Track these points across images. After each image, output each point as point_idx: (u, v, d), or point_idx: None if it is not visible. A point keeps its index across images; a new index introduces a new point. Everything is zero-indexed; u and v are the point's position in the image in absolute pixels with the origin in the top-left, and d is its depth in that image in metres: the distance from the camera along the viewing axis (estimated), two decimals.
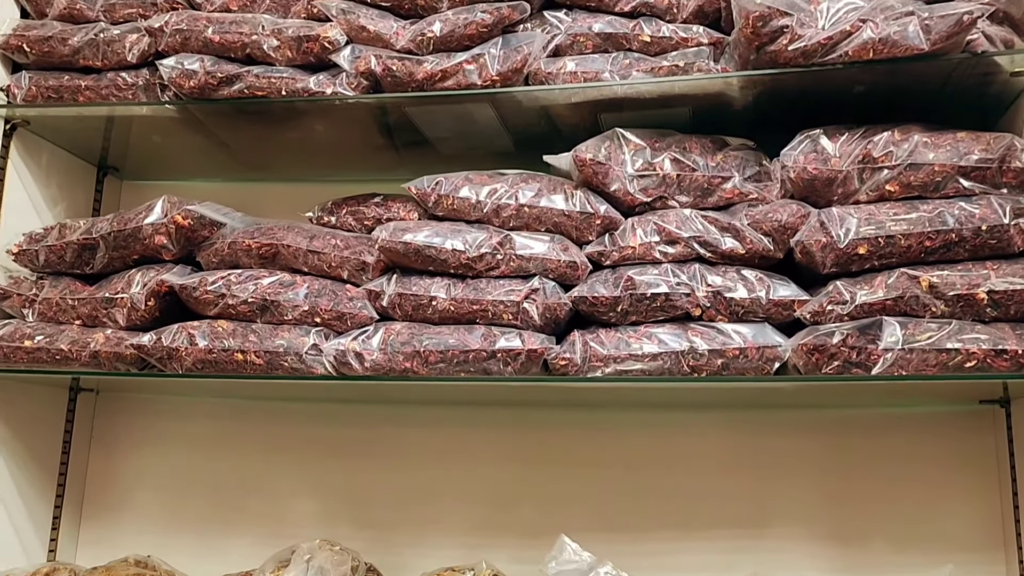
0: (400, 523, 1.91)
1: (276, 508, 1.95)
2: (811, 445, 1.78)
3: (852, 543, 1.72)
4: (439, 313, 1.59)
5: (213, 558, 1.81)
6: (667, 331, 1.52)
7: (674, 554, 1.79)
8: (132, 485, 2.01)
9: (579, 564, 1.62)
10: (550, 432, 1.91)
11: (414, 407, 1.97)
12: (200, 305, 1.66)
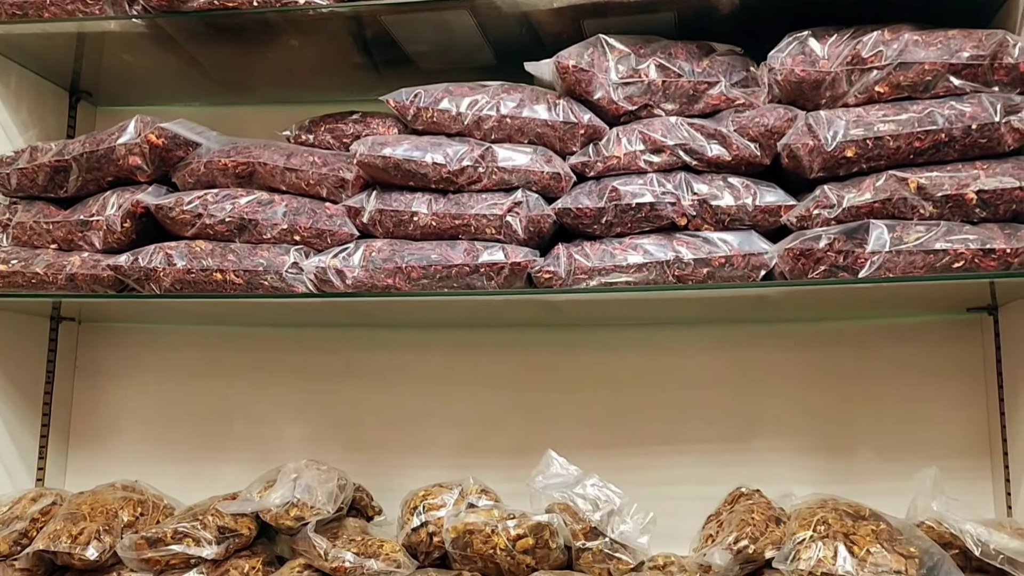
0: (388, 445, 1.91)
1: (263, 433, 1.95)
2: (797, 359, 1.78)
3: (838, 453, 1.73)
4: (421, 229, 1.56)
5: (202, 484, 1.81)
6: (652, 241, 1.50)
7: (661, 468, 1.79)
8: (118, 414, 2.00)
9: (566, 477, 1.62)
10: (536, 352, 1.90)
11: (400, 331, 1.95)
12: (177, 226, 1.63)
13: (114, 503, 1.64)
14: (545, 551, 1.53)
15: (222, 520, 1.59)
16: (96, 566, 1.55)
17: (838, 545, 1.36)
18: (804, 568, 1.35)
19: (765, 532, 1.46)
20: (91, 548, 1.52)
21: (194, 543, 1.56)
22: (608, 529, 1.55)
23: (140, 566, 1.56)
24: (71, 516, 1.58)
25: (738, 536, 1.45)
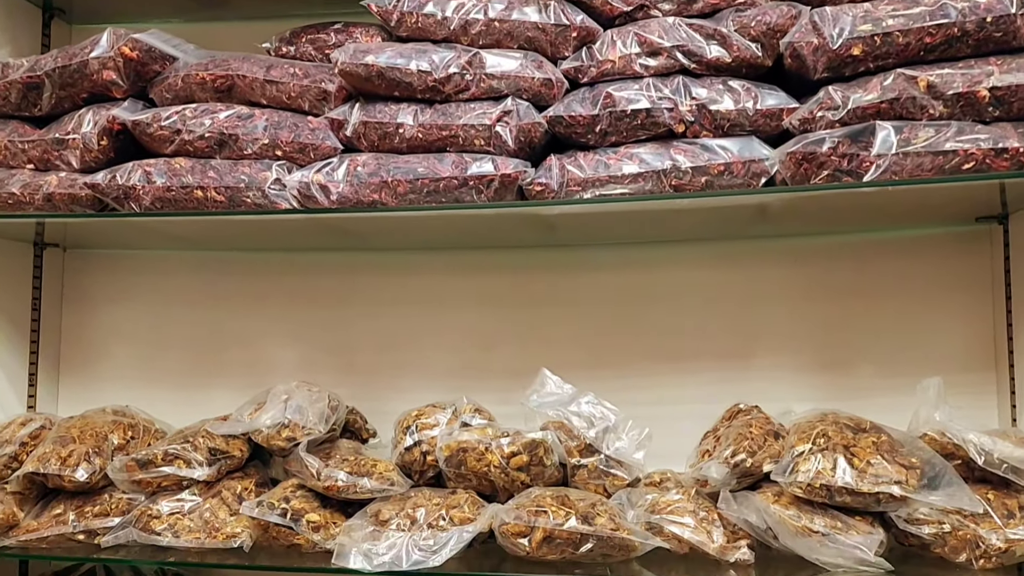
0: (381, 369, 1.89)
1: (256, 359, 1.93)
2: (797, 274, 1.73)
3: (839, 370, 1.69)
4: (407, 141, 1.50)
5: (193, 410, 1.78)
6: (649, 150, 1.43)
7: (658, 388, 1.77)
8: (108, 341, 1.98)
9: (560, 396, 1.60)
10: (530, 274, 1.86)
11: (392, 254, 1.91)
12: (155, 142, 1.57)
13: (104, 426, 1.62)
14: (539, 468, 1.51)
15: (213, 442, 1.58)
16: (87, 488, 1.54)
17: (838, 457, 1.34)
18: (803, 480, 1.33)
19: (763, 446, 1.44)
20: (81, 470, 1.51)
21: (185, 465, 1.54)
22: (603, 446, 1.53)
23: (131, 488, 1.55)
24: (60, 439, 1.57)
25: (735, 450, 1.42)
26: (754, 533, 1.38)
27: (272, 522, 1.44)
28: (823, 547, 1.30)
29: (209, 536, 1.47)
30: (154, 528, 1.49)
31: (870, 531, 1.30)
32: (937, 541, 1.31)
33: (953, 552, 1.31)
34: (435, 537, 1.40)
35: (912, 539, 1.34)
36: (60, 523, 1.51)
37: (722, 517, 1.41)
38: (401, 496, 1.51)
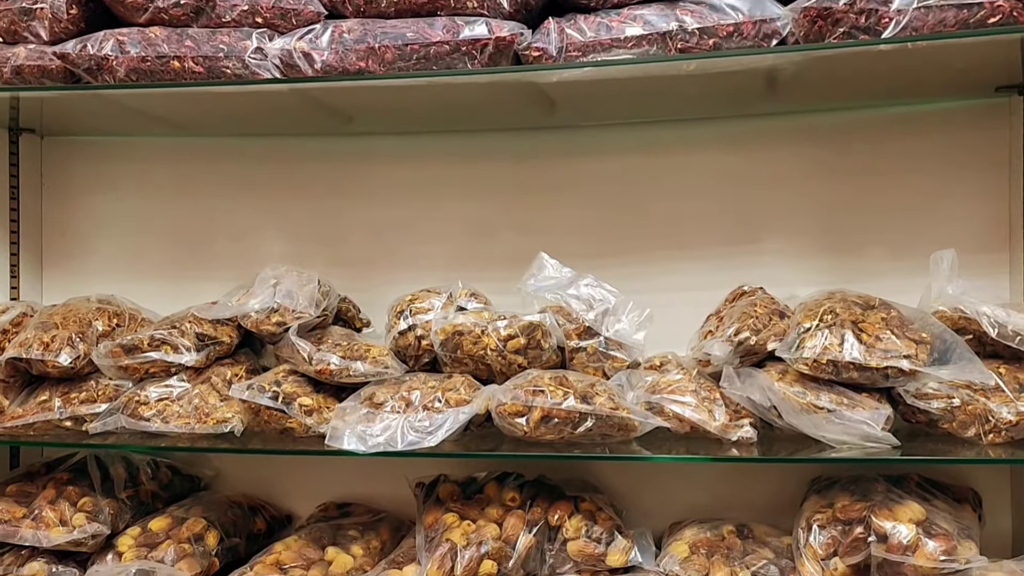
0: (375, 261, 1.83)
1: (245, 250, 1.87)
2: (806, 155, 1.66)
3: (847, 253, 1.64)
4: (395, 5, 1.41)
5: (182, 303, 1.72)
6: (653, 11, 1.34)
7: (660, 276, 1.71)
8: (92, 232, 1.91)
9: (559, 279, 1.55)
10: (529, 159, 1.78)
11: (382, 139, 1.83)
12: (128, 11, 1.47)
13: (88, 313, 1.57)
14: (537, 352, 1.47)
15: (201, 327, 1.53)
16: (72, 374, 1.50)
17: (845, 332, 1.29)
18: (809, 356, 1.29)
19: (768, 325, 1.39)
20: (64, 354, 1.47)
21: (172, 350, 1.50)
22: (602, 328, 1.49)
23: (118, 374, 1.51)
24: (43, 325, 1.52)
25: (739, 327, 1.38)
26: (757, 412, 1.35)
27: (263, 405, 1.40)
28: (828, 423, 1.27)
29: (199, 422, 1.44)
30: (143, 414, 1.46)
31: (877, 406, 1.27)
32: (945, 416, 1.27)
33: (962, 427, 1.27)
34: (430, 419, 1.37)
35: (920, 416, 1.31)
36: (46, 409, 1.48)
37: (724, 396, 1.37)
38: (395, 380, 1.47)
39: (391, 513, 1.75)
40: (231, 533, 1.61)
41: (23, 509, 1.52)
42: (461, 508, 1.51)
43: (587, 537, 1.45)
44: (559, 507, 1.48)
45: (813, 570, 1.32)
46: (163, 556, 1.48)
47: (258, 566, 1.49)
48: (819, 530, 1.34)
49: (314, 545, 1.56)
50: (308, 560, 1.51)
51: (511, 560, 1.42)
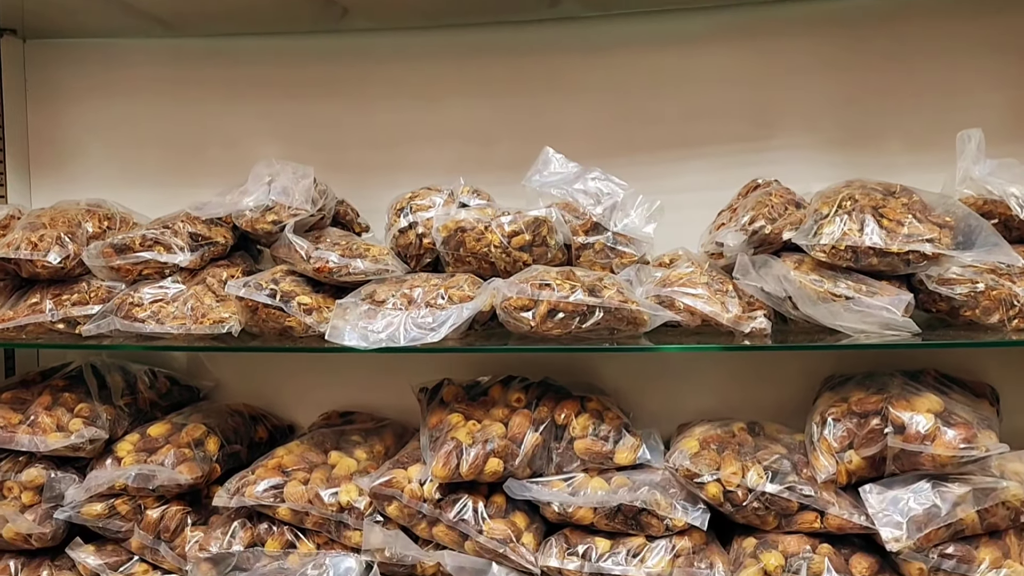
0: (372, 166, 1.77)
1: (238, 157, 1.79)
2: (822, 43, 1.58)
3: (864, 146, 1.57)
4: None
5: (174, 209, 1.68)
6: None
7: (670, 176, 1.65)
8: (81, 139, 1.85)
9: (565, 174, 1.49)
10: (531, 55, 1.70)
11: (377, 36, 1.75)
12: None
13: (77, 215, 1.52)
14: (543, 249, 1.42)
15: (194, 227, 1.48)
16: (62, 275, 1.46)
17: (865, 217, 1.24)
18: (827, 242, 1.24)
19: (783, 214, 1.34)
20: (53, 254, 1.42)
21: (165, 250, 1.45)
22: (611, 223, 1.44)
23: (109, 276, 1.47)
24: (30, 225, 1.47)
25: (754, 216, 1.33)
26: (771, 303, 1.30)
27: (260, 303, 1.36)
28: (846, 311, 1.22)
29: (195, 322, 1.40)
30: (137, 315, 1.42)
31: (897, 292, 1.22)
32: (968, 302, 1.23)
33: (985, 313, 1.23)
34: (433, 315, 1.33)
35: (940, 303, 1.26)
36: (37, 312, 1.44)
37: (737, 288, 1.33)
38: (397, 279, 1.42)
39: (395, 421, 1.72)
40: (232, 440, 1.59)
41: (19, 415, 1.50)
42: (466, 409, 1.48)
43: (594, 435, 1.42)
44: (566, 406, 1.44)
45: (827, 463, 1.29)
46: (163, 460, 1.45)
47: (260, 469, 1.46)
48: (834, 423, 1.31)
49: (317, 450, 1.54)
50: (311, 464, 1.49)
51: (517, 458, 1.39)
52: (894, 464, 1.25)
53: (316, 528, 1.44)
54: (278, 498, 1.42)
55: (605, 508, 1.35)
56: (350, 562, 1.44)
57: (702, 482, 1.31)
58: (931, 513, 1.21)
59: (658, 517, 1.34)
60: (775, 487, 1.28)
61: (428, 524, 1.39)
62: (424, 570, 1.40)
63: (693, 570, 1.31)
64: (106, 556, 1.47)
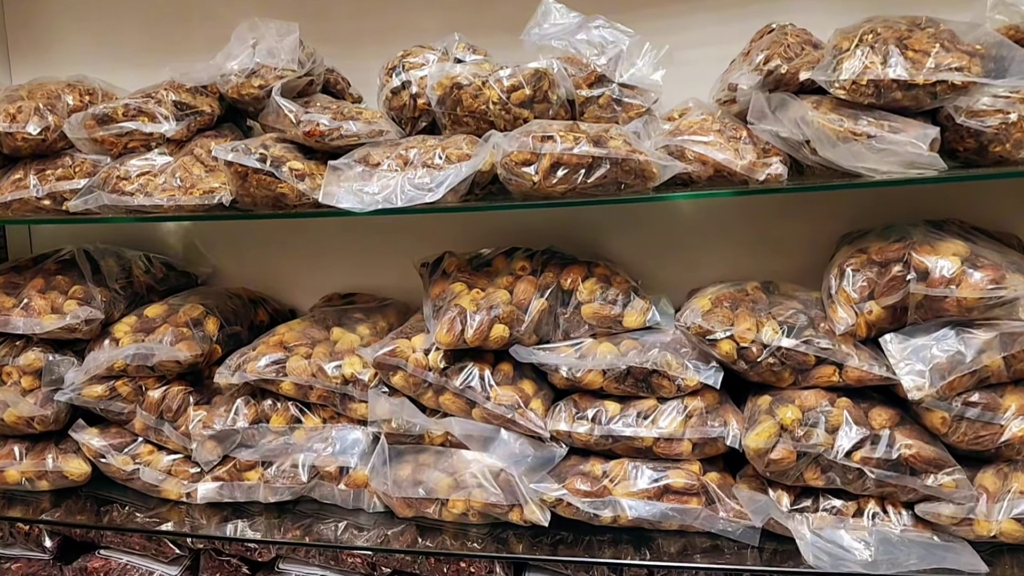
0: (362, 35, 1.68)
1: (221, 32, 1.68)
2: None
3: None
4: None
5: None
6: None
7: (679, 31, 1.55)
8: (58, 20, 1.76)
9: (566, 25, 1.40)
10: None
11: None
12: None
13: (57, 88, 1.45)
14: (544, 105, 1.34)
15: (178, 95, 1.41)
16: (44, 148, 1.40)
17: (889, 48, 1.15)
18: (847, 78, 1.15)
19: (800, 54, 1.25)
20: (32, 124, 1.36)
21: (149, 119, 1.39)
22: (615, 74, 1.35)
23: (93, 148, 1.40)
24: (8, 98, 1.41)
25: (769, 55, 1.24)
26: (787, 149, 1.23)
27: (250, 168, 1.29)
28: (868, 151, 1.14)
29: (185, 193, 1.34)
30: (124, 189, 1.36)
31: (923, 127, 1.14)
32: (999, 136, 1.15)
33: (1016, 147, 1.15)
34: (431, 175, 1.26)
35: (968, 140, 1.18)
36: (21, 188, 1.39)
37: (751, 135, 1.25)
38: (391, 142, 1.36)
39: (398, 300, 1.68)
40: (232, 322, 1.55)
41: (12, 299, 1.46)
42: (469, 278, 1.43)
43: (602, 299, 1.37)
44: (572, 271, 1.39)
45: (846, 315, 1.24)
46: (161, 339, 1.42)
47: (261, 346, 1.43)
48: (853, 274, 1.25)
49: (319, 326, 1.50)
50: (313, 339, 1.45)
51: (523, 324, 1.35)
52: (916, 313, 1.20)
53: (321, 402, 1.42)
54: (280, 373, 1.39)
55: (614, 371, 1.32)
56: (357, 434, 1.42)
57: (715, 339, 1.27)
58: (955, 360, 1.17)
59: (669, 378, 1.30)
60: (791, 341, 1.24)
61: (434, 393, 1.36)
62: (432, 439, 1.38)
63: (706, 429, 1.28)
64: (110, 438, 1.46)
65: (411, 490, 1.35)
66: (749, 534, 1.25)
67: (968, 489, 1.16)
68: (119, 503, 1.48)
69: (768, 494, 1.26)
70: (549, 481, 1.32)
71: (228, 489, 1.42)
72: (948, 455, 1.18)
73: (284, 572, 1.48)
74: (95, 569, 1.50)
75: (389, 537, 1.36)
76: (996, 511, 1.16)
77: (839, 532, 1.21)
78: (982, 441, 1.18)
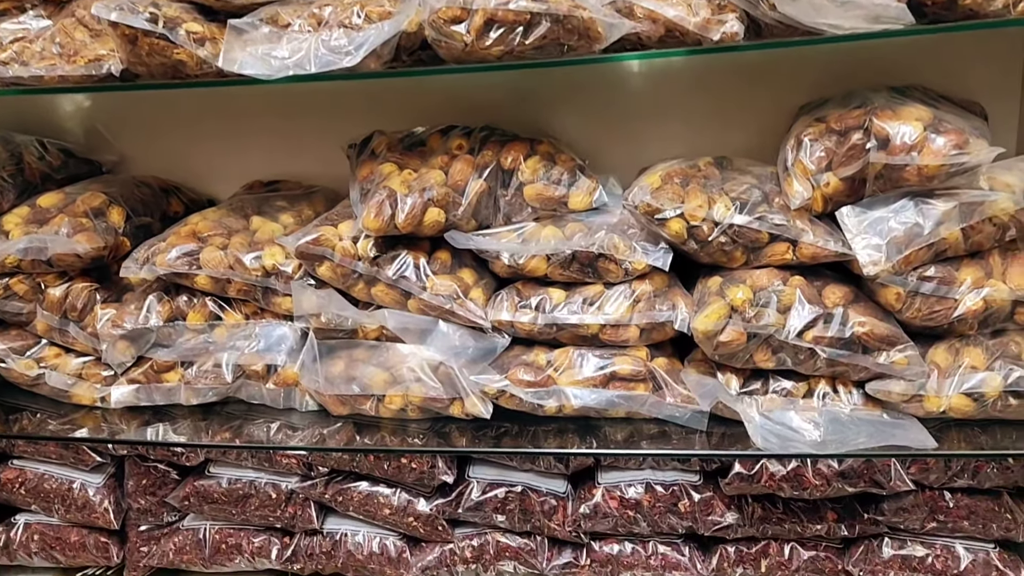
0: None
1: None
2: None
3: None
4: None
5: None
6: None
7: None
8: None
9: None
10: None
11: None
12: None
13: None
14: None
15: None
16: None
17: None
18: None
19: None
20: None
21: None
22: None
23: None
24: None
25: None
26: (745, 5, 1.11)
27: (140, 30, 1.13)
28: (832, 4, 1.03)
29: (68, 62, 1.17)
30: None
31: None
32: None
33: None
34: (349, 36, 1.12)
35: None
36: None
37: None
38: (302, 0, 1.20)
39: (327, 188, 1.55)
40: (141, 213, 1.41)
41: None
42: (400, 158, 1.31)
43: (546, 179, 1.27)
44: (513, 148, 1.28)
45: (801, 188, 1.17)
46: (56, 231, 1.28)
47: (172, 236, 1.30)
48: (811, 144, 1.17)
49: (236, 215, 1.38)
50: (229, 229, 1.33)
51: (460, 207, 1.25)
52: (875, 184, 1.13)
53: (242, 297, 1.31)
54: (194, 266, 1.27)
55: (559, 257, 1.23)
56: (283, 330, 1.32)
57: (664, 218, 1.18)
58: (912, 233, 1.11)
59: (616, 262, 1.22)
60: (744, 218, 1.16)
61: (365, 284, 1.26)
62: (366, 333, 1.29)
63: (654, 313, 1.21)
64: (10, 340, 1.33)
65: (345, 387, 1.27)
66: (697, 419, 1.22)
67: (920, 366, 1.13)
68: (29, 410, 1.37)
69: (717, 378, 1.22)
70: (491, 372, 1.25)
71: (146, 392, 1.32)
72: (901, 332, 1.14)
73: (216, 476, 1.41)
74: (9, 480, 1.41)
75: (325, 436, 1.29)
76: (947, 386, 1.14)
77: (788, 414, 1.18)
78: (936, 316, 1.14)
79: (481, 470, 1.38)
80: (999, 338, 1.16)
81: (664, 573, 1.35)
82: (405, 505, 1.37)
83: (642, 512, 1.32)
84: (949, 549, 1.28)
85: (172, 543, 1.43)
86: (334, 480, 1.39)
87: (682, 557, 1.35)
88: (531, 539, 1.38)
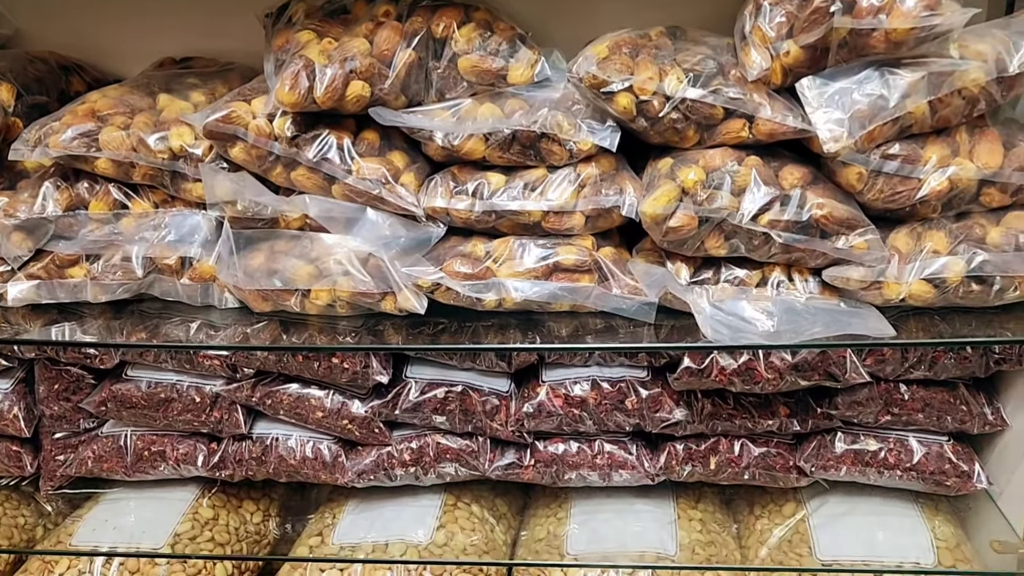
0: None
1: None
2: None
3: None
4: None
5: None
6: None
7: None
8: None
9: None
10: None
11: None
12: None
13: None
14: None
15: None
16: None
17: None
18: None
19: None
20: None
21: None
22: None
23: None
24: None
25: None
26: None
27: None
28: None
29: None
30: None
31: None
32: None
33: None
34: None
35: None
36: None
37: None
38: None
39: (244, 65, 1.41)
40: (34, 91, 1.27)
41: None
42: (319, 26, 1.17)
43: (482, 50, 1.15)
44: (445, 14, 1.15)
45: (759, 58, 1.06)
46: None
47: (67, 116, 1.16)
48: (770, 8, 1.06)
49: (141, 92, 1.24)
50: (132, 107, 1.19)
51: (387, 80, 1.12)
52: (839, 54, 1.03)
53: (149, 183, 1.19)
54: (92, 148, 1.14)
55: (498, 137, 1.12)
56: (196, 219, 1.21)
57: (611, 91, 1.08)
58: (877, 106, 1.02)
59: (560, 143, 1.12)
60: (697, 92, 1.06)
61: (284, 168, 1.15)
62: (288, 223, 1.18)
63: (600, 198, 1.12)
64: None
65: (266, 281, 1.17)
66: (644, 311, 1.14)
67: (880, 250, 1.06)
68: None
69: (666, 267, 1.14)
70: (425, 264, 1.15)
71: (48, 288, 1.21)
72: (862, 214, 1.07)
73: (134, 379, 1.32)
74: None
75: (248, 335, 1.19)
76: (907, 272, 1.07)
77: (741, 303, 1.11)
78: (898, 198, 1.06)
79: (419, 369, 1.30)
80: (963, 221, 1.09)
81: (611, 472, 1.31)
82: (339, 407, 1.29)
83: (588, 410, 1.26)
84: (902, 442, 1.25)
85: (90, 451, 1.35)
86: (261, 382, 1.30)
87: (629, 456, 1.30)
88: (473, 440, 1.32)
